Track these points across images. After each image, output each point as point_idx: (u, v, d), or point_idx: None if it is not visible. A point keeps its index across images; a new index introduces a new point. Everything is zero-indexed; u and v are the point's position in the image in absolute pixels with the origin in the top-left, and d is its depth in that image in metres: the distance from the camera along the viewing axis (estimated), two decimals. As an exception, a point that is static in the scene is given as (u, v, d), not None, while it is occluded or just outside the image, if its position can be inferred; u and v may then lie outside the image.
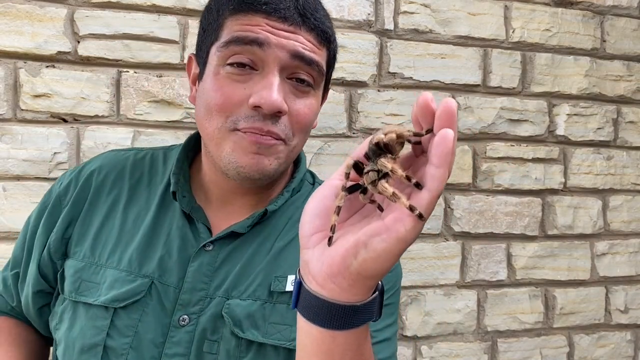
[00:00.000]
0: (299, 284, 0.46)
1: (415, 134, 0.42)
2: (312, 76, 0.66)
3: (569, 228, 1.47)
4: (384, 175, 0.41)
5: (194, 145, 0.76)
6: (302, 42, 0.63)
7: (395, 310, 0.73)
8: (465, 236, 1.40)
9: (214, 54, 0.65)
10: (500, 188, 1.42)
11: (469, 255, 1.40)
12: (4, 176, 1.14)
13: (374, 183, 0.41)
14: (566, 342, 1.46)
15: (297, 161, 0.78)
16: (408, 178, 0.39)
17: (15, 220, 1.14)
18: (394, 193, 0.39)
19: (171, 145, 0.80)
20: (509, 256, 1.43)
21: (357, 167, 0.44)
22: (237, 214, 0.71)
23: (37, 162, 1.15)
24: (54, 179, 1.15)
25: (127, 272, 0.67)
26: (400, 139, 0.42)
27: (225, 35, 0.63)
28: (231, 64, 0.63)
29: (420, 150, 0.43)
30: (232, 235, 0.68)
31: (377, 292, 0.46)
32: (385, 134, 0.42)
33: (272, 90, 0.61)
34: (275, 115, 0.63)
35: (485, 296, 1.41)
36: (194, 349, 0.63)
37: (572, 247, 1.48)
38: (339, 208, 0.43)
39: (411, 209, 0.39)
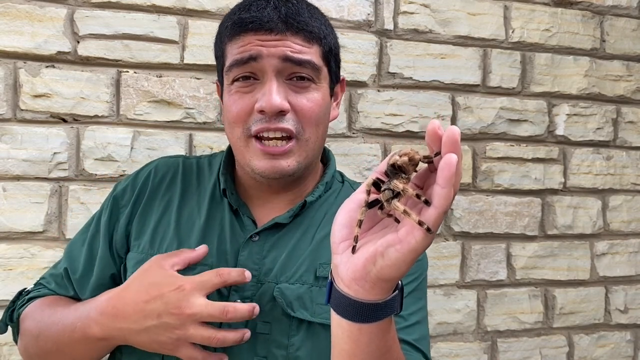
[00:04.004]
0: (331, 284, 0.53)
1: (425, 157, 0.48)
2: (307, 73, 0.74)
3: (569, 228, 1.47)
4: (397, 194, 0.47)
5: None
6: (290, 46, 0.72)
7: (423, 296, 0.80)
8: (465, 236, 1.40)
9: (225, 76, 0.76)
10: (500, 188, 1.42)
11: (469, 255, 1.40)
12: (4, 176, 1.13)
13: (388, 201, 0.47)
14: (566, 342, 1.46)
15: (327, 160, 0.87)
16: (418, 196, 0.45)
17: (15, 220, 1.14)
18: (404, 210, 0.45)
19: (213, 153, 0.91)
20: (508, 256, 1.43)
21: (377, 184, 0.50)
22: (277, 209, 0.80)
23: (37, 162, 1.15)
24: (54, 179, 1.16)
25: None
26: (413, 162, 0.48)
27: (228, 60, 0.74)
28: (237, 80, 0.74)
29: (434, 168, 0.49)
30: (275, 227, 0.77)
31: (396, 291, 0.53)
32: (400, 156, 0.48)
33: (271, 94, 0.71)
34: (280, 114, 0.72)
35: (485, 296, 1.41)
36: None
37: (572, 247, 1.48)
38: (360, 221, 0.50)
39: (420, 223, 0.44)
